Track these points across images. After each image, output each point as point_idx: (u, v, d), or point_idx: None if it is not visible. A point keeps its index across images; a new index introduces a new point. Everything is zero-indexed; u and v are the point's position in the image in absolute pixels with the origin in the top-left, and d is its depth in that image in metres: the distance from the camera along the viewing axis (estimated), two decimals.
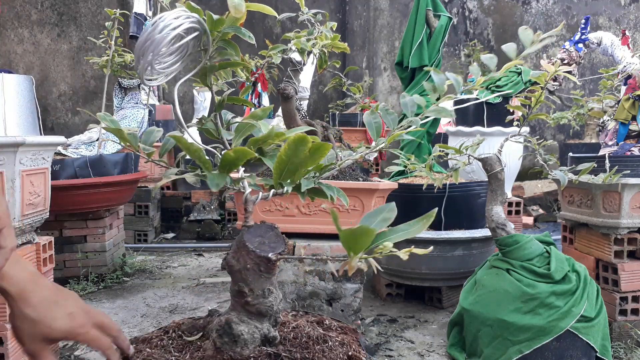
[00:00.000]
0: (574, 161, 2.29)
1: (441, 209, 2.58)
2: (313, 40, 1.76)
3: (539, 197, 5.72)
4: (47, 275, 1.99)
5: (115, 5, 6.05)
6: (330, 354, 0.92)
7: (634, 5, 7.02)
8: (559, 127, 6.77)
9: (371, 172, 5.10)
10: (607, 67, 5.00)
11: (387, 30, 6.90)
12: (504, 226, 1.99)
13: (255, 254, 0.86)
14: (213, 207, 4.90)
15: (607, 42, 2.52)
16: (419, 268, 2.56)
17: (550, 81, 2.35)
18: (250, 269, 0.86)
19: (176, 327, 0.98)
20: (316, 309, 1.93)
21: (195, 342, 0.91)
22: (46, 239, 1.97)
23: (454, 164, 2.07)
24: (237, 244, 0.88)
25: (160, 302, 2.77)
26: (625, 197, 2.08)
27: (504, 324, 1.80)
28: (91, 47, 6.18)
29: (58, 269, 2.99)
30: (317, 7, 6.70)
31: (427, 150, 3.04)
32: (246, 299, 0.88)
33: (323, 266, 1.92)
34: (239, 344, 0.87)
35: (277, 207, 1.90)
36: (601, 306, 1.84)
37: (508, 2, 6.95)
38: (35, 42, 6.17)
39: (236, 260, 0.87)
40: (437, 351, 2.12)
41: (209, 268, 3.60)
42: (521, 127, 2.01)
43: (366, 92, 6.39)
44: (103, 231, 3.14)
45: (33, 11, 6.14)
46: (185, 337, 0.91)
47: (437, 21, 2.97)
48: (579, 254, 2.39)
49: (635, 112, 2.28)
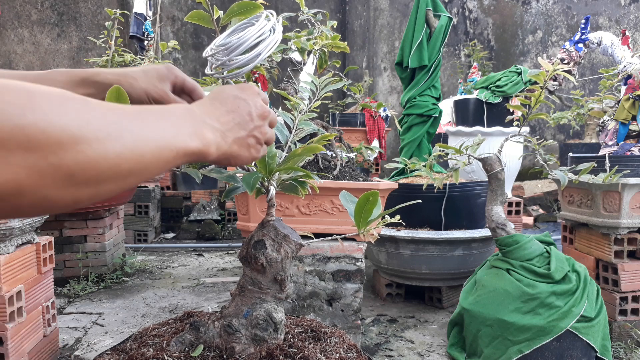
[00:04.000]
0: (574, 161, 2.29)
1: (441, 209, 2.59)
2: (313, 40, 1.76)
3: (539, 197, 5.72)
4: (47, 275, 1.99)
5: (115, 5, 6.05)
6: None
7: (634, 5, 7.02)
8: (559, 127, 6.77)
9: (371, 172, 5.10)
10: (607, 67, 5.00)
11: (387, 30, 6.90)
12: (504, 226, 1.99)
13: (295, 242, 0.92)
14: (213, 207, 4.90)
15: (607, 42, 2.52)
16: (419, 268, 2.56)
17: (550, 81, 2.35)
18: (290, 258, 0.92)
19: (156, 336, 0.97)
20: (316, 309, 1.93)
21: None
22: (46, 239, 1.97)
23: (454, 164, 2.07)
24: (276, 235, 0.91)
25: (160, 302, 2.77)
26: (625, 197, 2.08)
27: (504, 324, 1.80)
28: (91, 47, 6.18)
29: (58, 269, 3.00)
30: (317, 7, 6.70)
31: (427, 150, 3.04)
32: (282, 286, 0.92)
33: (323, 266, 1.92)
34: (279, 331, 0.92)
35: (277, 207, 1.90)
36: (601, 306, 1.84)
37: (508, 2, 6.95)
38: (35, 42, 6.17)
39: (277, 252, 0.91)
40: (437, 351, 2.12)
41: (209, 268, 3.59)
42: (521, 127, 2.01)
43: (366, 92, 6.39)
44: (103, 231, 3.14)
45: (33, 11, 6.14)
46: (191, 354, 0.90)
47: (437, 21, 2.97)
48: (579, 254, 2.39)
49: (635, 112, 2.28)
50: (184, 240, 4.73)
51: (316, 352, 0.92)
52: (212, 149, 0.57)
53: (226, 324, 0.90)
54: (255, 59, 0.79)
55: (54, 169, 0.38)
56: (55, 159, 0.38)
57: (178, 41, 5.29)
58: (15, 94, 0.37)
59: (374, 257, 2.77)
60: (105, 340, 2.22)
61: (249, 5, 0.81)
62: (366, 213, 0.89)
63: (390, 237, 2.54)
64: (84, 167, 0.40)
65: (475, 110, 3.58)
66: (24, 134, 0.36)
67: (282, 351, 0.89)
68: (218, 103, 0.63)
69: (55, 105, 0.39)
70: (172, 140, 0.50)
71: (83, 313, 2.59)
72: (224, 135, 0.60)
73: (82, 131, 0.40)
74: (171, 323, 1.05)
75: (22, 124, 0.36)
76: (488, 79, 3.53)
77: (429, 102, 3.00)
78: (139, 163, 0.45)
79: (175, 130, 0.51)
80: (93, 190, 0.42)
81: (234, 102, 0.64)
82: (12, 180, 0.36)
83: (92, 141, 0.40)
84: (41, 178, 0.37)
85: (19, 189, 0.37)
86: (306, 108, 1.06)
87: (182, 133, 0.52)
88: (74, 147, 0.39)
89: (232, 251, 4.24)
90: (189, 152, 0.53)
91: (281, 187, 0.94)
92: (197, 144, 0.54)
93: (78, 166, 0.39)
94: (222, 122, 0.60)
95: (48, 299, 1.98)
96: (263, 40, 0.78)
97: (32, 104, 0.37)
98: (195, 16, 0.82)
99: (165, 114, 0.51)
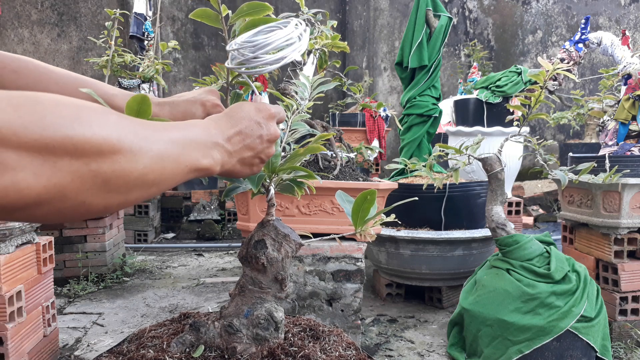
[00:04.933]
0: (574, 161, 2.29)
1: (441, 209, 2.59)
2: (313, 40, 1.76)
3: (539, 197, 5.72)
4: (47, 275, 1.99)
5: (115, 5, 6.05)
6: None
7: (634, 5, 7.02)
8: (559, 127, 6.77)
9: (371, 172, 5.10)
10: (607, 67, 5.00)
11: (387, 30, 6.90)
12: (504, 226, 1.99)
13: (295, 242, 0.92)
14: (213, 207, 4.90)
15: (607, 42, 2.52)
16: (419, 268, 2.56)
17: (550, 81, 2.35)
18: (290, 258, 0.93)
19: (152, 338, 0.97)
20: (316, 309, 1.93)
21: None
22: (46, 239, 1.97)
23: (454, 164, 2.07)
24: (276, 235, 0.92)
25: (160, 302, 2.77)
26: (625, 197, 2.08)
27: (504, 324, 1.80)
28: (91, 47, 6.17)
29: (58, 269, 3.00)
30: (317, 7, 6.70)
31: (427, 150, 3.04)
32: (282, 286, 0.93)
33: (323, 266, 1.92)
34: (280, 330, 0.92)
35: (277, 207, 1.90)
36: (601, 306, 1.84)
37: (508, 2, 6.95)
38: (35, 42, 6.17)
39: (277, 252, 0.92)
40: (437, 351, 2.12)
41: (209, 268, 3.60)
42: (521, 127, 2.01)
43: (366, 92, 6.39)
44: (103, 231, 3.14)
45: (33, 11, 6.14)
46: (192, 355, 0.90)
47: (437, 21, 2.97)
48: (579, 254, 2.39)
49: (635, 112, 2.28)
50: (184, 240, 4.73)
51: (316, 350, 0.93)
52: (217, 168, 0.63)
53: (227, 324, 0.90)
54: (280, 60, 0.80)
55: (94, 175, 0.43)
56: (95, 166, 0.43)
57: (178, 41, 5.29)
58: (67, 109, 0.42)
59: (374, 257, 2.77)
60: (105, 340, 2.22)
61: (258, 6, 0.81)
62: (364, 212, 0.89)
63: (390, 237, 2.54)
64: (118, 175, 0.45)
65: (475, 110, 3.58)
66: (71, 142, 0.41)
67: (284, 350, 0.90)
68: (233, 121, 0.68)
69: (98, 119, 0.44)
70: (188, 157, 0.56)
71: (83, 313, 2.59)
72: (230, 155, 0.65)
73: (120, 143, 0.45)
74: (168, 324, 1.05)
75: (71, 135, 0.41)
76: (488, 79, 3.53)
77: (429, 102, 3.00)
78: (161, 175, 0.51)
79: (191, 148, 0.57)
80: (123, 197, 0.48)
81: (248, 124, 0.69)
82: (59, 184, 0.41)
83: (127, 152, 0.46)
84: (82, 183, 0.43)
85: (63, 193, 0.42)
86: (299, 108, 1.06)
87: (196, 151, 0.58)
88: (111, 156, 0.44)
89: (232, 251, 4.24)
90: (199, 168, 0.59)
91: (279, 187, 0.94)
92: (206, 162, 0.60)
93: (113, 174, 0.45)
94: (232, 142, 0.66)
95: (48, 299, 1.98)
96: (290, 45, 0.80)
97: (80, 117, 0.43)
98: (201, 14, 0.81)
99: (185, 133, 0.58)
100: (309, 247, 1.90)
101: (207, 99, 0.94)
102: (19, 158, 0.38)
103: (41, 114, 0.40)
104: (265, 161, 0.73)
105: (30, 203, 0.40)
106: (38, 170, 0.39)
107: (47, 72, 0.80)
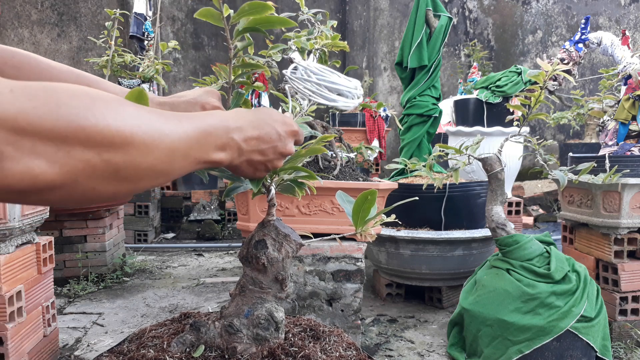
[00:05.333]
0: (574, 161, 2.29)
1: (441, 209, 2.59)
2: (313, 40, 1.76)
3: (539, 197, 5.72)
4: (47, 275, 1.99)
5: (115, 5, 6.05)
6: None
7: (634, 5, 7.02)
8: (559, 127, 6.77)
9: (371, 172, 5.10)
10: (607, 67, 5.00)
11: (387, 30, 6.90)
12: (504, 226, 1.99)
13: (295, 242, 0.93)
14: (213, 207, 4.90)
15: (607, 42, 2.52)
16: (419, 268, 2.56)
17: (550, 81, 2.35)
18: (290, 258, 0.93)
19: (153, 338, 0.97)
20: (316, 309, 1.93)
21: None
22: (46, 239, 1.97)
23: (454, 164, 2.07)
24: (277, 235, 0.93)
25: (160, 302, 2.77)
26: (625, 197, 2.08)
27: (504, 324, 1.80)
28: (91, 47, 6.17)
29: (58, 269, 3.00)
30: (317, 7, 6.70)
31: (427, 150, 3.04)
32: (283, 286, 0.93)
33: (323, 266, 1.92)
34: (280, 330, 0.92)
35: (278, 207, 1.90)
36: (601, 306, 1.84)
37: (508, 2, 6.95)
38: (35, 42, 6.17)
39: (278, 252, 0.92)
40: (437, 351, 2.12)
41: (209, 268, 3.60)
42: (521, 127, 2.01)
43: (366, 92, 6.39)
44: (103, 231, 3.14)
45: (33, 11, 6.14)
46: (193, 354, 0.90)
47: (437, 21, 2.97)
48: (579, 254, 2.39)
49: (635, 112, 2.28)
50: (184, 240, 4.73)
51: (316, 350, 0.93)
52: (226, 162, 0.64)
53: (227, 324, 0.90)
54: (330, 101, 0.84)
55: (105, 165, 0.45)
56: (107, 156, 0.44)
57: (178, 41, 5.29)
58: (80, 99, 0.43)
59: (374, 257, 2.77)
60: (105, 340, 2.22)
61: (260, 5, 0.81)
62: (364, 212, 0.89)
63: (390, 237, 2.54)
64: (128, 165, 0.47)
65: (475, 110, 3.58)
66: (85, 133, 0.42)
67: (284, 350, 0.90)
68: (256, 123, 0.68)
69: (112, 110, 0.45)
70: (199, 151, 0.57)
71: (83, 313, 2.59)
72: (240, 153, 0.66)
73: (132, 135, 0.46)
74: (168, 324, 1.05)
75: (84, 125, 0.42)
76: (488, 79, 3.53)
77: (429, 102, 3.00)
78: (170, 165, 0.52)
79: (204, 142, 0.58)
80: (132, 185, 0.49)
81: (269, 132, 0.70)
82: (71, 172, 0.43)
83: (139, 145, 0.47)
84: (93, 171, 0.44)
85: (75, 179, 0.43)
86: (302, 111, 1.07)
87: (208, 146, 0.59)
88: (123, 147, 0.46)
89: (232, 251, 4.24)
90: (209, 161, 0.60)
91: (280, 187, 0.94)
92: (216, 157, 0.61)
93: (124, 164, 0.46)
94: (248, 142, 0.67)
95: (48, 299, 1.98)
96: (345, 96, 0.84)
97: (94, 108, 0.44)
98: (205, 14, 0.82)
99: (200, 125, 0.58)
100: (309, 247, 1.90)
101: (207, 101, 0.95)
102: (33, 146, 0.40)
103: (56, 104, 0.41)
104: (270, 170, 0.74)
105: (44, 188, 0.42)
106: (52, 157, 0.41)
107: (49, 68, 0.81)
